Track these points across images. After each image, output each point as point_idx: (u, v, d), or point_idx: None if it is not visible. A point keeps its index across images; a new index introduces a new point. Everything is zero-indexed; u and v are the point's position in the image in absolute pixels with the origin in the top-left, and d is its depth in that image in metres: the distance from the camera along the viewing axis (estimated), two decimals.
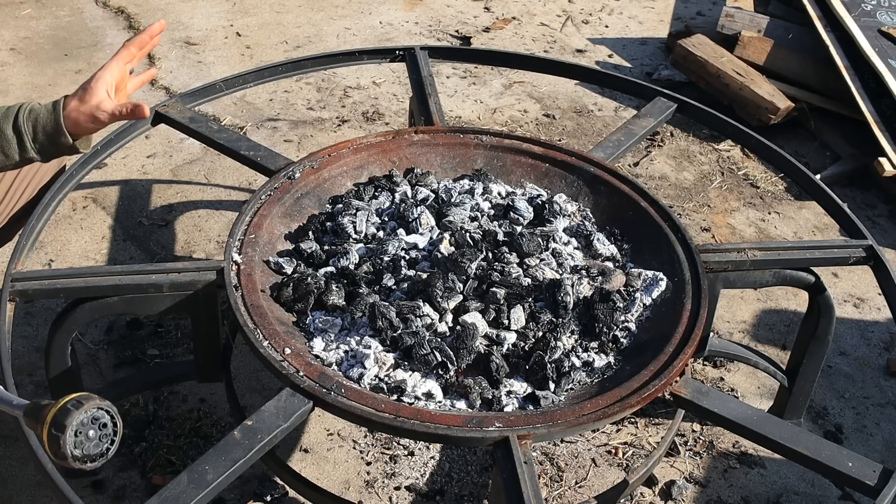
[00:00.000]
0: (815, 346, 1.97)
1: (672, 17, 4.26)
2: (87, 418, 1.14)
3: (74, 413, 1.13)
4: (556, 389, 1.56)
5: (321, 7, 4.09)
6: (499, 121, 3.37)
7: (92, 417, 1.15)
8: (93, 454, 1.16)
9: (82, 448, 1.14)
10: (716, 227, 2.91)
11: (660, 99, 2.27)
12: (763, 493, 2.06)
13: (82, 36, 3.69)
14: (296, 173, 1.90)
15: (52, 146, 1.59)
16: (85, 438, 1.14)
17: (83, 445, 1.14)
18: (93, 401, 1.15)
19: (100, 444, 1.17)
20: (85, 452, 1.15)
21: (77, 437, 1.13)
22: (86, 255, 2.59)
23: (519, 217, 1.88)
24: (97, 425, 1.16)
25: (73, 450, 1.13)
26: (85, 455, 1.15)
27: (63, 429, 1.12)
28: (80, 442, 1.14)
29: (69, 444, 1.12)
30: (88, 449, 1.15)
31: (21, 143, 1.57)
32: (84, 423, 1.14)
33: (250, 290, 1.63)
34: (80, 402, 1.14)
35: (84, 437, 1.14)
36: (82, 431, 1.14)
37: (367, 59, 2.38)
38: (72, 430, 1.12)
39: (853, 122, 3.25)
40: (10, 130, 1.56)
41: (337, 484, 2.00)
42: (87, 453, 1.15)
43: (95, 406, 1.16)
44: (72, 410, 1.13)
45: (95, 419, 1.16)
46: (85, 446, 1.15)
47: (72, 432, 1.12)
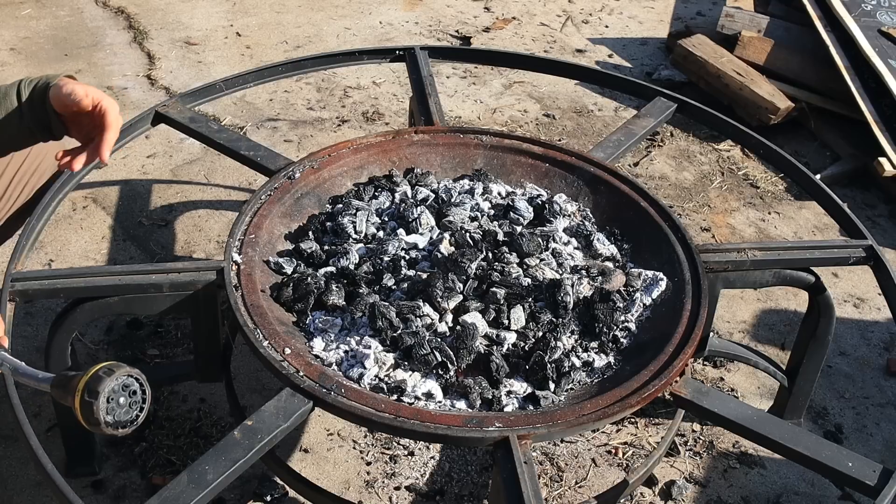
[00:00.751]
0: (815, 346, 1.97)
1: (672, 17, 4.26)
2: (118, 385, 1.17)
3: (107, 380, 1.15)
4: (556, 389, 1.56)
5: (321, 7, 4.09)
6: (499, 121, 3.37)
7: (122, 384, 1.17)
8: (124, 420, 1.18)
9: (114, 414, 1.16)
10: (716, 227, 2.91)
11: (660, 99, 2.27)
12: (763, 493, 2.06)
13: (82, 36, 3.69)
14: (296, 173, 1.90)
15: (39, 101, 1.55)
16: (116, 405, 1.16)
17: (115, 412, 1.16)
18: (123, 368, 1.18)
19: (130, 410, 1.19)
20: (116, 419, 1.17)
21: (109, 404, 1.15)
22: (86, 255, 2.59)
23: (519, 217, 1.88)
24: (128, 392, 1.18)
25: (106, 416, 1.15)
26: (116, 421, 1.17)
27: (96, 395, 1.14)
28: (112, 408, 1.16)
29: (102, 411, 1.14)
30: (119, 415, 1.17)
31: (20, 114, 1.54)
32: (115, 389, 1.16)
33: (250, 290, 1.63)
34: (111, 370, 1.16)
35: (115, 404, 1.16)
36: (113, 398, 1.16)
37: (367, 59, 2.38)
38: (104, 397, 1.14)
39: (853, 122, 3.24)
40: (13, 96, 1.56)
41: (337, 484, 2.00)
42: (118, 419, 1.17)
43: (126, 373, 1.18)
44: (104, 377, 1.15)
45: (126, 386, 1.18)
46: (116, 413, 1.17)
47: (104, 399, 1.14)
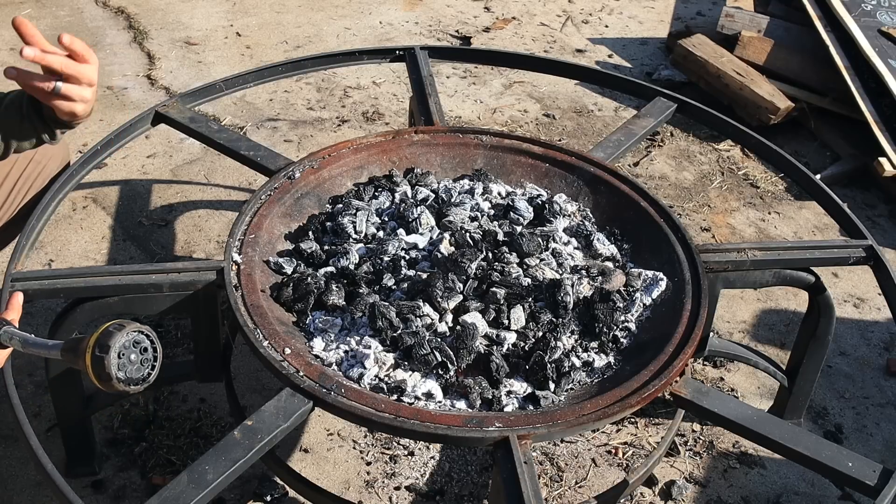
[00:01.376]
0: (815, 346, 1.97)
1: (672, 17, 4.26)
2: (129, 341, 1.15)
3: (117, 334, 1.14)
4: (556, 389, 1.56)
5: (321, 7, 4.09)
6: (499, 121, 3.37)
7: (133, 341, 1.16)
8: (135, 378, 1.17)
9: (125, 370, 1.15)
10: (716, 227, 2.91)
11: (660, 99, 2.27)
12: (763, 493, 2.06)
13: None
14: (296, 173, 1.90)
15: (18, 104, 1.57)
16: (127, 361, 1.15)
17: (126, 368, 1.15)
18: (133, 325, 1.16)
19: (141, 368, 1.17)
20: (128, 375, 1.15)
21: (120, 359, 1.14)
22: (86, 255, 2.59)
23: (519, 217, 1.88)
24: (139, 349, 1.17)
25: (118, 371, 1.14)
26: (128, 378, 1.16)
27: (107, 349, 1.12)
28: (123, 364, 1.14)
29: (114, 366, 1.13)
30: (131, 372, 1.16)
31: None
32: (126, 345, 1.15)
33: (250, 290, 1.63)
34: (122, 325, 1.15)
35: (126, 360, 1.15)
36: (125, 354, 1.15)
37: (367, 59, 2.38)
38: (115, 351, 1.13)
39: (853, 122, 3.25)
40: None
41: (337, 484, 2.00)
42: (129, 376, 1.16)
43: (136, 329, 1.17)
44: (114, 332, 1.14)
45: (137, 343, 1.17)
46: (127, 369, 1.15)
47: (115, 353, 1.13)
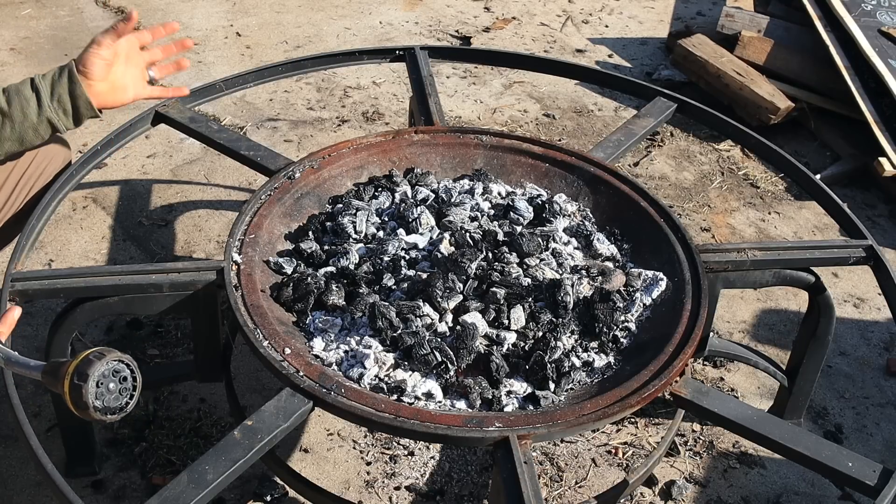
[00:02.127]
0: (815, 346, 1.97)
1: (672, 17, 4.26)
2: (109, 370, 1.15)
3: (97, 363, 1.14)
4: (556, 389, 1.56)
5: (321, 7, 4.09)
6: (499, 121, 3.37)
7: (113, 370, 1.16)
8: (112, 407, 1.17)
9: (103, 399, 1.15)
10: (716, 227, 2.91)
11: (660, 99, 2.27)
12: (763, 493, 2.06)
13: (82, 36, 3.69)
14: (296, 173, 1.90)
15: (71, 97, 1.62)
16: (106, 390, 1.15)
17: (104, 397, 1.15)
18: (114, 353, 1.16)
19: (119, 397, 1.17)
20: (105, 404, 1.15)
21: (98, 388, 1.14)
22: (86, 255, 2.59)
23: (519, 217, 1.88)
24: (118, 378, 1.17)
25: (95, 400, 1.14)
26: (105, 407, 1.16)
27: (85, 378, 1.12)
28: (101, 393, 1.14)
29: (91, 394, 1.13)
30: (109, 401, 1.16)
31: (39, 101, 1.60)
32: (105, 374, 1.15)
33: (250, 290, 1.63)
34: (101, 354, 1.15)
35: (105, 389, 1.15)
36: (103, 383, 1.14)
37: (367, 59, 2.38)
38: (94, 381, 1.13)
39: (853, 122, 3.25)
40: (28, 90, 1.61)
41: (337, 484, 2.01)
42: (107, 405, 1.16)
43: (117, 358, 1.16)
44: (94, 361, 1.14)
45: (116, 371, 1.17)
46: (105, 398, 1.15)
47: (94, 382, 1.13)
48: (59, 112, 1.62)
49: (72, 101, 1.62)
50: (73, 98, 1.62)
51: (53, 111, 1.61)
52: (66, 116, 1.63)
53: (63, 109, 1.62)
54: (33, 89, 1.61)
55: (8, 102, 1.60)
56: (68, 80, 1.62)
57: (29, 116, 1.60)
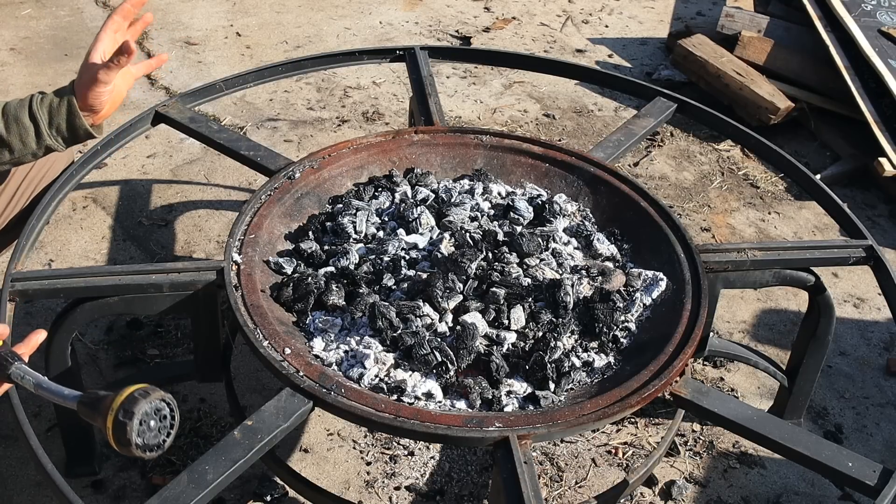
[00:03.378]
0: (815, 346, 1.97)
1: (672, 17, 4.26)
2: (152, 409, 1.16)
3: (142, 402, 1.15)
4: (556, 389, 1.56)
5: (321, 7, 4.09)
6: (499, 121, 3.37)
7: (155, 408, 1.17)
8: (151, 444, 1.18)
9: (144, 437, 1.16)
10: (716, 227, 2.91)
11: (660, 99, 2.27)
12: (763, 493, 2.06)
13: (82, 36, 3.69)
14: (296, 173, 1.90)
15: (69, 129, 1.60)
16: (147, 428, 1.16)
17: (144, 434, 1.16)
18: (157, 392, 1.18)
19: (158, 435, 1.18)
20: (146, 441, 1.16)
21: (141, 426, 1.15)
22: (86, 255, 2.59)
23: (519, 217, 1.88)
24: (159, 416, 1.18)
25: (137, 438, 1.15)
26: (145, 444, 1.17)
27: (131, 416, 1.14)
28: (143, 431, 1.16)
29: (134, 432, 1.14)
30: (148, 439, 1.17)
31: (38, 131, 1.58)
32: (148, 412, 1.16)
33: (250, 290, 1.63)
34: (147, 392, 1.16)
35: (146, 427, 1.16)
36: (146, 421, 1.16)
37: (367, 59, 2.38)
38: (138, 419, 1.14)
39: (853, 122, 3.25)
40: (26, 119, 1.58)
41: (337, 484, 2.00)
42: (147, 443, 1.17)
43: (160, 397, 1.18)
44: (140, 399, 1.15)
45: (158, 410, 1.18)
46: (146, 436, 1.16)
47: (138, 420, 1.14)
48: (57, 139, 1.60)
49: (71, 131, 1.60)
50: (73, 129, 1.60)
51: (52, 139, 1.60)
52: (64, 143, 1.62)
53: (62, 137, 1.61)
54: (31, 118, 1.58)
55: (6, 128, 1.57)
56: (67, 111, 1.59)
57: (28, 145, 1.58)
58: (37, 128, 1.58)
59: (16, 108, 1.59)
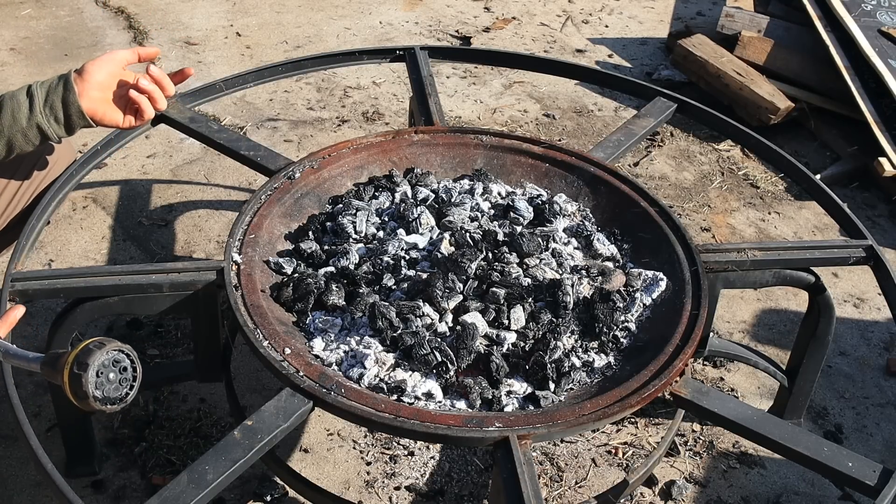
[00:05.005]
0: (815, 346, 1.97)
1: (672, 17, 4.26)
2: (109, 360, 1.15)
3: (97, 352, 1.13)
4: (556, 389, 1.56)
5: (321, 7, 4.09)
6: (499, 121, 3.37)
7: (113, 360, 1.16)
8: (112, 397, 1.16)
9: (103, 389, 1.14)
10: (716, 227, 2.91)
11: (660, 99, 2.27)
12: (763, 493, 2.06)
13: (82, 36, 3.69)
14: (296, 173, 1.90)
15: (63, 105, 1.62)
16: (106, 380, 1.14)
17: (104, 387, 1.14)
18: (114, 343, 1.16)
19: (119, 387, 1.17)
20: (105, 394, 1.15)
21: (98, 378, 1.13)
22: (86, 255, 2.59)
23: (519, 217, 1.88)
24: (118, 368, 1.16)
25: (94, 390, 1.13)
26: (105, 397, 1.15)
27: (85, 367, 1.12)
28: (101, 383, 1.14)
29: (91, 384, 1.12)
30: (108, 391, 1.15)
31: (31, 106, 1.60)
32: (105, 364, 1.14)
33: (250, 290, 1.63)
34: (101, 343, 1.15)
35: (105, 379, 1.14)
36: (103, 372, 1.14)
37: (367, 59, 2.38)
38: (94, 370, 1.12)
39: (853, 122, 3.25)
40: (22, 95, 1.61)
41: (337, 484, 2.01)
42: (107, 395, 1.15)
43: (117, 348, 1.16)
44: (94, 350, 1.13)
45: (117, 362, 1.16)
46: (105, 388, 1.15)
47: (94, 371, 1.12)
48: (49, 118, 1.61)
49: (64, 109, 1.62)
50: (66, 105, 1.61)
51: (44, 117, 1.60)
52: (56, 124, 1.62)
53: (54, 116, 1.61)
54: (28, 95, 1.61)
55: (0, 107, 1.59)
56: (63, 87, 1.62)
57: (19, 120, 1.59)
58: (31, 104, 1.60)
59: (16, 90, 1.62)
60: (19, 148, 1.64)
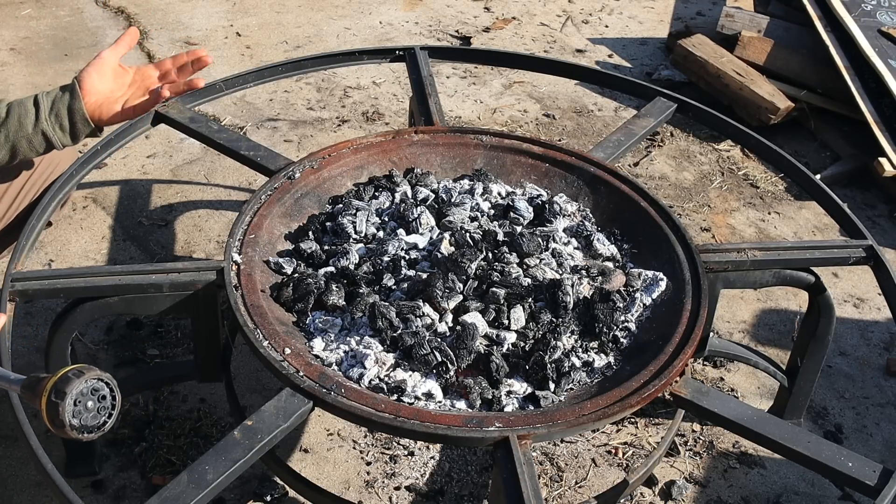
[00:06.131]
0: (815, 346, 1.97)
1: (672, 17, 4.26)
2: (87, 388, 1.14)
3: (75, 381, 1.12)
4: (556, 389, 1.56)
5: (321, 7, 4.09)
6: (499, 121, 3.37)
7: (92, 388, 1.14)
8: (90, 426, 1.15)
9: (80, 418, 1.13)
10: (716, 227, 2.91)
11: (660, 99, 2.27)
12: (763, 493, 2.06)
13: (82, 36, 3.69)
14: (296, 173, 1.90)
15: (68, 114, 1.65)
16: (84, 409, 1.13)
17: (81, 416, 1.13)
18: (93, 371, 1.15)
19: (98, 415, 1.16)
20: (83, 423, 1.14)
21: (76, 407, 1.12)
22: (86, 255, 2.59)
23: (519, 217, 1.88)
24: (97, 397, 1.15)
25: (72, 419, 1.12)
26: (83, 426, 1.14)
27: (63, 396, 1.11)
28: (79, 412, 1.13)
29: (68, 413, 1.11)
30: (86, 420, 1.14)
31: (37, 114, 1.63)
32: (84, 392, 1.13)
33: (250, 290, 1.63)
34: (80, 372, 1.13)
35: (83, 408, 1.13)
36: (81, 401, 1.13)
37: (367, 59, 2.38)
38: (71, 399, 1.11)
39: (853, 122, 3.25)
40: (29, 103, 1.65)
41: (337, 484, 2.01)
42: (84, 424, 1.14)
43: (96, 377, 1.15)
44: (72, 379, 1.12)
45: (95, 390, 1.15)
46: (83, 416, 1.14)
47: (71, 400, 1.11)
48: (55, 126, 1.64)
49: (69, 117, 1.65)
50: (71, 113, 1.65)
51: (49, 125, 1.64)
52: (61, 131, 1.66)
53: (59, 124, 1.65)
54: (35, 103, 1.64)
55: (8, 112, 1.63)
56: (69, 96, 1.65)
57: (25, 126, 1.62)
58: (37, 111, 1.63)
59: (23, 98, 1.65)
60: (23, 154, 1.66)
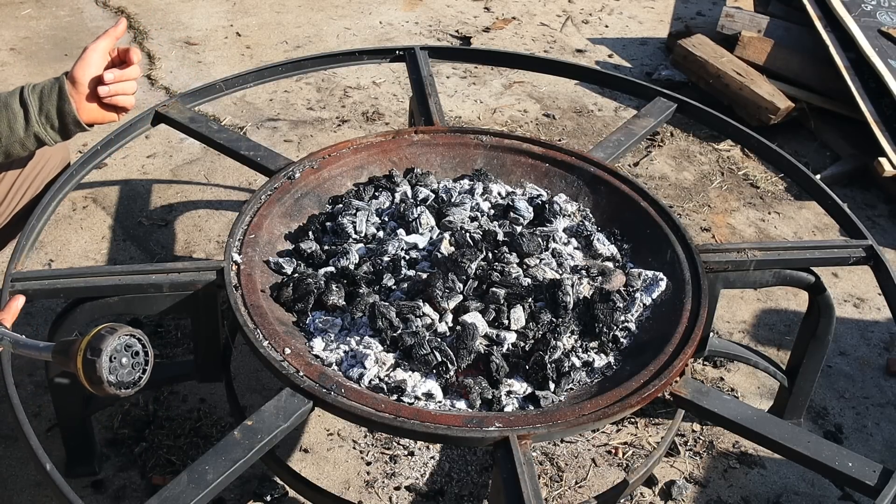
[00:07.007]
0: (815, 346, 1.97)
1: (672, 17, 4.26)
2: (121, 345, 1.16)
3: (109, 338, 1.14)
4: (556, 389, 1.56)
5: (321, 7, 4.09)
6: (499, 121, 3.37)
7: (125, 344, 1.17)
8: (126, 381, 1.17)
9: (116, 374, 1.15)
10: (716, 227, 2.91)
11: (660, 99, 2.27)
12: (763, 493, 2.06)
13: (82, 36, 3.69)
14: (296, 173, 1.90)
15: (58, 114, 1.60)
16: (119, 365, 1.16)
17: (117, 371, 1.15)
18: (125, 328, 1.17)
19: (133, 371, 1.18)
20: (119, 379, 1.16)
21: (112, 363, 1.14)
22: (86, 255, 2.59)
23: (519, 217, 1.88)
24: (130, 353, 1.17)
25: (109, 375, 1.14)
26: (119, 381, 1.16)
27: (99, 352, 1.13)
28: (115, 368, 1.15)
29: (105, 369, 1.13)
30: (122, 376, 1.16)
31: (27, 116, 1.59)
32: (118, 349, 1.15)
33: (250, 290, 1.63)
34: (114, 328, 1.16)
35: (118, 364, 1.15)
36: (116, 357, 1.15)
37: (367, 59, 2.38)
38: (107, 354, 1.13)
39: (853, 122, 3.24)
40: (16, 104, 1.59)
41: (337, 484, 2.00)
42: (120, 380, 1.16)
43: (129, 333, 1.17)
44: (106, 336, 1.14)
45: (129, 346, 1.17)
46: (119, 373, 1.16)
47: (107, 356, 1.13)
48: (46, 127, 1.60)
49: (60, 118, 1.61)
50: (62, 115, 1.60)
51: (41, 126, 1.60)
52: (53, 131, 1.62)
53: (51, 125, 1.61)
54: (21, 104, 1.59)
55: None
56: (58, 96, 1.60)
57: (16, 131, 1.58)
58: (26, 113, 1.58)
59: (7, 96, 1.59)
60: (16, 155, 1.64)
